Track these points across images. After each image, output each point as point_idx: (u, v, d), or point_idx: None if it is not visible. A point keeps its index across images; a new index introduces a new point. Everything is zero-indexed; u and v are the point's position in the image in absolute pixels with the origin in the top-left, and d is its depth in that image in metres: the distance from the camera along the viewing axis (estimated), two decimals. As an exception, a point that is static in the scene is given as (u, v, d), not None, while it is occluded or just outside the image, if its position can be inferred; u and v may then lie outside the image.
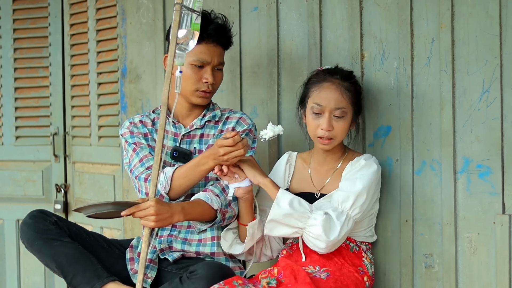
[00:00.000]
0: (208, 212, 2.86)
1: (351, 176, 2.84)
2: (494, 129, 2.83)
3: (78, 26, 4.23)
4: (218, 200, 2.87)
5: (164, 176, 2.84)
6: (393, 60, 3.02)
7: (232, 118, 3.06)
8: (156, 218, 2.69)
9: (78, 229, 3.02)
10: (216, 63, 2.97)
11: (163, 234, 3.00)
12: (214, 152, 2.78)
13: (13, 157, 4.52)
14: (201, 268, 2.76)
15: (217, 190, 2.91)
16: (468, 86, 2.87)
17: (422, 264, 2.99)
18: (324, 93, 2.85)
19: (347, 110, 2.84)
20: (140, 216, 2.70)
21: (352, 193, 2.78)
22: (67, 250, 2.88)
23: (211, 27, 2.93)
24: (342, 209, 2.77)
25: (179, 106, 3.01)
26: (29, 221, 2.95)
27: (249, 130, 3.04)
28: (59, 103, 4.39)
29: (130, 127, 3.03)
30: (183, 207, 2.79)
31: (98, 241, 3.05)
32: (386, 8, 3.03)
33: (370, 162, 2.86)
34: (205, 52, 2.93)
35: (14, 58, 4.47)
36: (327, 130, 2.83)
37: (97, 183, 4.15)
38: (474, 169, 2.87)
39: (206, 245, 2.98)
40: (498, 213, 2.84)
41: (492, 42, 2.82)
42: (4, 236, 4.55)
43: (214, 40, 2.95)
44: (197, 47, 2.80)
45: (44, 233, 2.90)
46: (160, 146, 2.66)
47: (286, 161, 3.04)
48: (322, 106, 2.84)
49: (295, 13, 3.24)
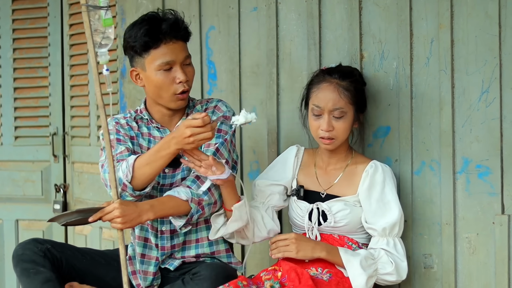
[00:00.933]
0: (182, 205, 2.76)
1: (378, 196, 2.83)
2: (493, 129, 2.83)
3: (77, 26, 4.23)
4: (187, 190, 2.77)
5: (126, 164, 2.73)
6: (393, 60, 3.02)
7: (209, 108, 2.96)
8: (122, 220, 2.63)
9: (73, 252, 2.97)
10: (182, 58, 2.84)
11: (166, 245, 2.95)
12: (178, 134, 2.64)
13: (12, 157, 4.52)
14: (204, 270, 2.75)
15: (189, 181, 2.82)
16: (467, 86, 2.87)
17: (421, 264, 2.99)
18: (322, 94, 2.85)
19: (346, 109, 2.83)
20: (107, 219, 2.65)
21: (394, 219, 2.81)
22: (38, 278, 2.80)
23: (164, 26, 2.80)
24: (394, 240, 2.82)
25: (158, 114, 2.93)
26: (18, 249, 2.91)
27: (225, 116, 2.94)
28: (58, 103, 4.39)
29: (117, 126, 2.93)
30: (151, 205, 2.71)
31: (95, 259, 3.00)
32: (385, 8, 3.03)
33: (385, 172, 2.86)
34: (167, 53, 2.81)
35: (13, 58, 4.47)
36: (327, 130, 2.83)
37: (96, 183, 4.15)
38: (473, 169, 2.87)
39: (204, 245, 2.96)
40: (497, 213, 2.84)
41: (491, 42, 2.82)
42: (3, 237, 4.55)
43: (172, 37, 2.81)
44: (157, 50, 2.77)
45: (26, 263, 2.84)
46: (109, 147, 2.59)
47: (295, 154, 3.02)
48: (320, 108, 2.84)
49: (295, 13, 3.24)
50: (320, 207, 2.87)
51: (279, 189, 2.97)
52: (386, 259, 2.78)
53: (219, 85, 3.47)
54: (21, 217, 4.53)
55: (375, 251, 2.80)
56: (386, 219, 2.81)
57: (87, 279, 2.95)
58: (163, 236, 2.94)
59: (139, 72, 2.86)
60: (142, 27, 2.79)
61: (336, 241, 2.86)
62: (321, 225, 2.87)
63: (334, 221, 2.84)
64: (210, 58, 3.47)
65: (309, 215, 2.89)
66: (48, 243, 2.93)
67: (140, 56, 2.82)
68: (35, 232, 4.37)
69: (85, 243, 4.20)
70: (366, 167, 2.88)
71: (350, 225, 2.85)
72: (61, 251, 2.93)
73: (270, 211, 2.95)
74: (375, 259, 2.78)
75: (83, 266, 2.95)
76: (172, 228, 2.91)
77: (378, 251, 2.80)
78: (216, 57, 3.47)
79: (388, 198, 2.84)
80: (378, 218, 2.81)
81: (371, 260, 2.77)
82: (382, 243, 2.81)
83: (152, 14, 2.85)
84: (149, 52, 2.80)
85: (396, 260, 2.79)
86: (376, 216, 2.81)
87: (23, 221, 4.52)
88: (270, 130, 3.30)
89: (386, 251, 2.79)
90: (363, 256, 2.76)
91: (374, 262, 2.77)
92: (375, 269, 2.76)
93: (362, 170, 2.89)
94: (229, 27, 3.42)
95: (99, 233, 4.16)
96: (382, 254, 2.79)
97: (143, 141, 2.92)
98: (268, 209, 2.95)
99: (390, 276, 2.78)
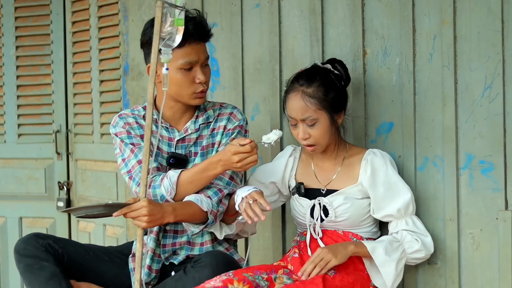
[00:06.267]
0: (199, 213, 2.80)
1: (383, 180, 2.84)
2: (496, 125, 2.83)
3: (80, 23, 4.24)
4: (209, 202, 2.81)
5: (169, 182, 2.79)
6: (395, 56, 3.02)
7: (223, 114, 2.99)
8: (148, 219, 2.66)
9: (76, 248, 2.98)
10: (203, 59, 2.87)
11: (167, 243, 2.96)
12: (225, 159, 2.74)
13: (15, 154, 4.52)
14: (205, 257, 2.76)
15: (211, 191, 2.86)
16: (470, 82, 2.87)
17: (425, 260, 2.99)
18: (290, 104, 2.84)
19: (317, 116, 2.80)
20: (132, 216, 2.67)
21: (406, 198, 2.83)
22: (43, 274, 2.82)
23: (190, 26, 2.81)
24: (411, 218, 2.85)
25: (171, 110, 2.93)
26: (19, 244, 2.91)
27: (240, 126, 2.98)
28: (61, 101, 4.40)
29: (126, 127, 2.94)
30: (174, 208, 2.75)
31: (98, 255, 3.01)
32: (388, 4, 3.03)
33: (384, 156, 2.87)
34: (191, 53, 2.84)
35: (16, 56, 4.48)
36: (304, 139, 2.83)
37: (99, 180, 4.16)
38: (477, 165, 2.87)
39: (208, 248, 2.96)
40: (500, 209, 2.84)
41: (494, 38, 2.81)
42: (7, 234, 4.56)
43: (196, 39, 2.85)
44: (181, 50, 2.77)
45: (29, 258, 2.85)
46: (148, 146, 2.60)
47: (289, 154, 3.02)
48: (293, 118, 2.83)
49: (297, 9, 3.24)
50: (322, 202, 2.88)
51: (268, 190, 2.98)
52: (410, 237, 2.81)
53: (222, 82, 3.47)
54: (25, 215, 4.54)
55: (397, 234, 2.83)
56: (398, 200, 2.83)
57: (88, 275, 2.96)
58: (166, 235, 2.95)
59: (157, 68, 2.85)
60: None
61: (340, 237, 2.87)
62: (323, 221, 2.87)
63: (335, 215, 2.85)
64: (213, 55, 3.47)
65: (311, 212, 2.89)
66: (50, 238, 2.94)
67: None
68: (39, 229, 4.36)
69: (88, 240, 4.20)
70: (364, 155, 2.89)
71: (352, 218, 2.85)
72: (63, 246, 2.93)
73: None
74: (400, 241, 2.80)
75: (85, 262, 2.96)
76: (176, 228, 2.94)
77: (401, 233, 2.82)
78: (218, 54, 3.47)
79: (394, 179, 2.85)
80: (389, 201, 2.83)
81: (396, 243, 2.79)
82: (402, 225, 2.83)
83: None
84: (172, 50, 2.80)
85: (420, 236, 2.83)
86: (386, 199, 2.83)
87: (27, 218, 4.53)
88: (273, 126, 3.29)
89: (408, 231, 2.82)
90: (387, 241, 2.78)
91: (400, 244, 2.80)
92: (403, 251, 2.78)
93: (359, 159, 2.90)
94: (232, 24, 3.42)
95: (103, 230, 4.16)
96: (405, 235, 2.82)
97: (153, 139, 2.92)
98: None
99: (419, 253, 2.82)
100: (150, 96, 2.61)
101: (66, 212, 2.73)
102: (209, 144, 2.95)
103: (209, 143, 2.95)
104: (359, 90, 3.09)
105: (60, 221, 4.42)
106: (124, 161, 2.92)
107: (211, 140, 2.95)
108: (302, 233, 2.95)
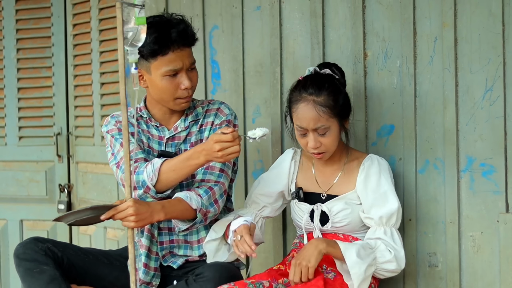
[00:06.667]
0: (188, 211, 2.79)
1: (374, 187, 2.81)
2: (497, 127, 2.83)
3: (81, 26, 4.24)
4: (199, 200, 2.79)
5: (152, 168, 2.76)
6: (396, 59, 3.02)
7: (211, 110, 2.98)
8: (136, 218, 2.63)
9: (75, 251, 2.98)
10: (188, 64, 2.85)
11: (164, 240, 2.97)
12: (208, 148, 2.69)
13: (16, 157, 4.52)
14: (208, 271, 2.75)
15: (202, 190, 2.84)
16: (471, 85, 2.87)
17: (426, 263, 2.99)
18: (301, 114, 2.79)
19: (329, 124, 2.78)
20: (120, 218, 2.65)
21: (391, 209, 2.78)
22: (43, 277, 2.82)
23: (173, 34, 2.79)
24: (391, 229, 2.78)
25: (160, 111, 2.94)
26: (19, 248, 2.90)
27: (228, 121, 2.96)
28: (62, 103, 4.40)
29: (117, 124, 2.94)
30: (163, 206, 2.73)
31: (98, 258, 3.01)
32: (388, 7, 3.03)
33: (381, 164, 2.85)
34: (175, 60, 2.81)
35: (17, 59, 4.48)
36: (315, 148, 2.82)
37: (100, 183, 4.16)
38: (478, 167, 2.87)
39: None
40: (501, 211, 2.84)
41: (495, 41, 2.82)
42: (7, 236, 4.56)
43: (180, 45, 2.82)
44: (165, 57, 2.77)
45: (28, 262, 2.85)
46: (127, 146, 2.58)
47: (291, 158, 3.01)
48: (303, 128, 2.80)
49: (298, 12, 3.24)
50: (321, 208, 2.87)
51: (273, 198, 2.97)
52: (384, 247, 2.74)
53: (223, 85, 3.47)
54: (26, 217, 4.54)
55: (372, 241, 2.77)
56: (383, 208, 2.79)
57: (88, 279, 2.96)
58: (161, 232, 2.96)
59: (143, 74, 2.86)
60: (150, 33, 2.72)
61: (340, 240, 2.86)
62: (323, 227, 2.86)
63: (334, 221, 2.83)
64: (214, 57, 3.47)
65: (311, 217, 2.88)
66: (49, 242, 2.93)
67: (146, 60, 2.81)
68: (40, 232, 4.38)
69: (89, 243, 4.20)
70: (363, 161, 2.88)
71: (352, 224, 2.84)
72: (62, 250, 2.93)
73: (260, 222, 2.96)
74: (373, 248, 2.75)
75: (85, 265, 2.95)
76: (170, 226, 2.94)
77: (375, 241, 2.77)
78: (219, 57, 3.48)
79: (385, 189, 2.82)
80: (376, 208, 2.79)
81: (369, 249, 2.73)
82: (379, 233, 2.78)
83: (160, 19, 2.83)
84: (156, 58, 2.80)
85: (394, 248, 2.75)
86: (373, 207, 2.80)
87: (28, 221, 4.53)
88: (274, 129, 3.30)
89: (383, 240, 2.76)
90: (361, 245, 2.73)
91: (372, 251, 2.73)
92: (374, 258, 2.72)
93: (359, 164, 2.88)
94: (233, 26, 3.42)
95: (104, 233, 4.16)
96: (380, 243, 2.75)
97: (143, 137, 2.93)
98: (258, 220, 2.95)
99: (390, 264, 2.73)
100: (123, 97, 2.59)
101: (56, 221, 2.71)
102: (198, 140, 2.94)
103: (197, 139, 2.94)
104: (359, 92, 3.09)
105: (61, 224, 4.39)
106: (114, 155, 2.91)
107: (199, 136, 2.95)
108: (301, 236, 2.95)
